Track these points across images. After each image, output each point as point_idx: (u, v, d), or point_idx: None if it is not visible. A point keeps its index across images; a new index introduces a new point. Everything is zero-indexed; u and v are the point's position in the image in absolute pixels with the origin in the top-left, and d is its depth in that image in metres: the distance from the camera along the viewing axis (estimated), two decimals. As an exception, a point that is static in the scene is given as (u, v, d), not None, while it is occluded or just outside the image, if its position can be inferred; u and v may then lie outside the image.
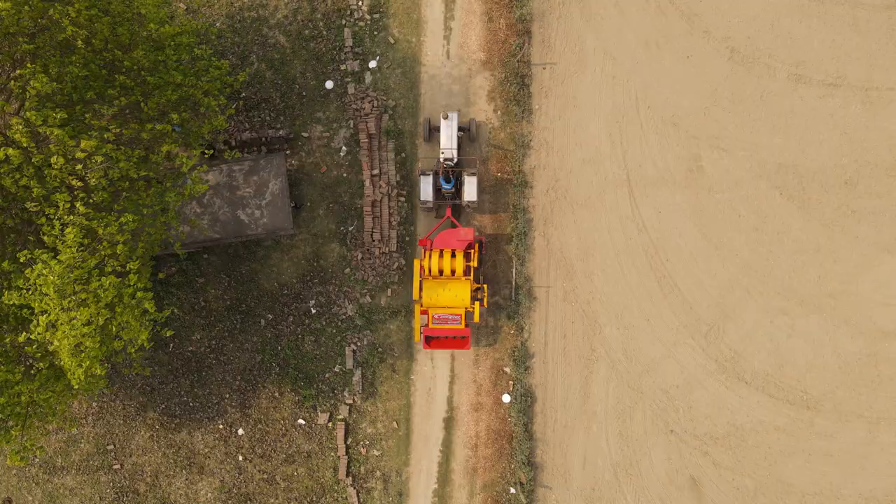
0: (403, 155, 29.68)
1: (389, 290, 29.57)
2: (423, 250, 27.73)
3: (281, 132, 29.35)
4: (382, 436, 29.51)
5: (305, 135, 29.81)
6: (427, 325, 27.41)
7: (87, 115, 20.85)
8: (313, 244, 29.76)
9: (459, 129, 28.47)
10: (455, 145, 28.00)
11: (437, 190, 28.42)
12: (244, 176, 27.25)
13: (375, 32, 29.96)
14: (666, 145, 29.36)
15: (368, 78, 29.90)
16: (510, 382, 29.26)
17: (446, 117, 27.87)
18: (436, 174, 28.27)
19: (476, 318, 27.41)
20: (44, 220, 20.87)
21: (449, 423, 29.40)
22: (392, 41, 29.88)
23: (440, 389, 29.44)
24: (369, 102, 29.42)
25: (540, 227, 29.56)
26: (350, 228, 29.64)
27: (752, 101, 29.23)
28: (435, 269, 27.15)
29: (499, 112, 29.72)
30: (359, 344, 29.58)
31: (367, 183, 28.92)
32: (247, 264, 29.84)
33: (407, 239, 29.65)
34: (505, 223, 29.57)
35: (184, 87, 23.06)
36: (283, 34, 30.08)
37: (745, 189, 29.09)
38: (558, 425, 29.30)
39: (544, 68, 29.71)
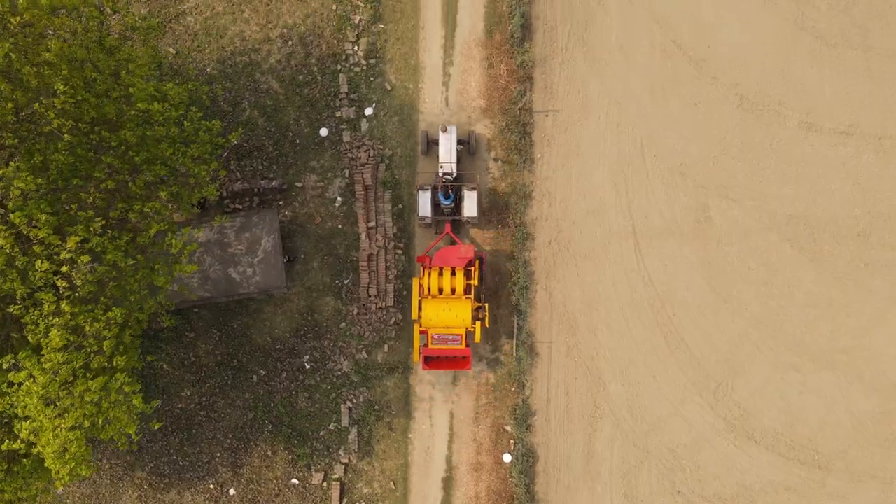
0: (401, 206, 28.79)
1: (386, 346, 28.67)
2: (421, 268, 27.10)
3: (274, 183, 28.44)
4: (379, 496, 28.59)
5: (299, 184, 28.91)
6: (426, 345, 26.58)
7: (72, 206, 20.01)
8: (307, 298, 28.85)
9: (459, 142, 27.94)
10: (454, 159, 27.50)
11: (435, 205, 27.76)
12: (236, 233, 26.39)
13: (372, 78, 29.06)
14: (673, 195, 28.69)
15: (364, 125, 29.00)
16: (511, 441, 28.37)
17: (445, 130, 27.41)
18: (434, 189, 27.53)
19: (477, 338, 26.88)
20: (28, 318, 19.99)
21: (448, 483, 28.49)
22: (389, 87, 28.98)
23: (439, 448, 28.52)
24: (365, 151, 28.52)
25: (542, 281, 28.71)
26: (345, 282, 28.73)
27: (761, 149, 28.56)
28: (434, 288, 26.55)
29: (499, 161, 28.88)
30: (355, 401, 28.68)
31: (364, 236, 28.03)
32: (238, 318, 28.91)
33: (404, 293, 28.79)
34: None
35: (173, 159, 22.12)
36: (276, 80, 29.17)
37: (754, 240, 28.51)
38: (561, 486, 28.40)
39: (546, 115, 28.86)
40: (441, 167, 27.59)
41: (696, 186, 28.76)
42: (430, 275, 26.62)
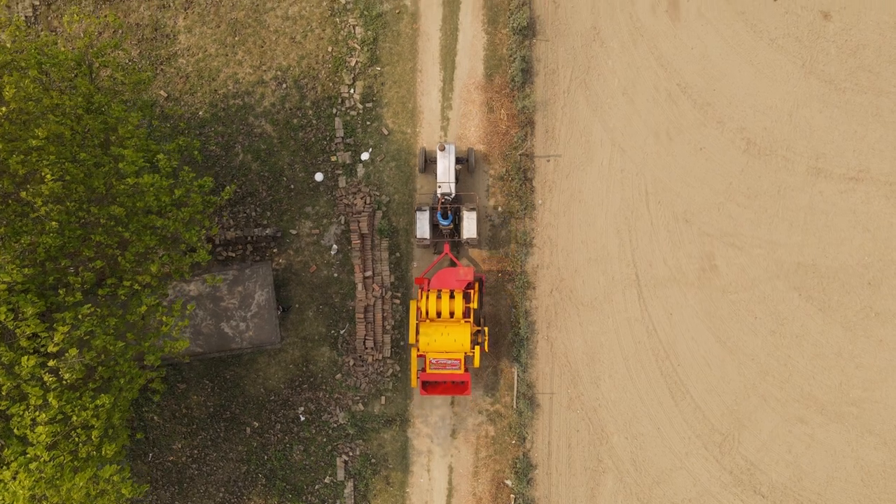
0: (398, 254, 28.12)
1: (383, 398, 28.01)
2: (419, 290, 26.53)
3: (268, 231, 27.82)
4: (376, 552, 27.98)
5: (294, 232, 28.25)
6: (424, 370, 26.18)
7: (61, 292, 19.39)
8: (302, 348, 28.18)
9: (457, 160, 27.48)
10: (453, 179, 27.10)
11: (433, 226, 27.29)
12: (228, 286, 25.79)
13: (368, 122, 28.39)
14: (677, 243, 28.11)
15: (361, 171, 28.34)
16: (511, 496, 27.74)
17: (443, 149, 26.98)
18: (433, 209, 27.11)
19: (476, 363, 26.40)
20: (14, 410, 19.35)
21: (447, 539, 27.88)
22: (386, 132, 28.33)
23: (437, 503, 27.80)
24: (361, 198, 27.87)
25: (543, 330, 28.03)
26: (341, 332, 28.08)
27: (768, 196, 28.05)
28: (433, 312, 26.05)
29: (499, 208, 28.19)
30: (351, 454, 28.01)
31: (360, 287, 27.38)
32: (231, 369, 28.24)
33: (401, 343, 28.08)
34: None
35: (164, 228, 21.50)
36: (269, 123, 28.50)
37: (761, 289, 28.01)
38: (563, 542, 27.80)
39: (548, 161, 28.21)
40: (439, 187, 27.12)
41: (701, 234, 28.20)
42: (428, 298, 26.10)
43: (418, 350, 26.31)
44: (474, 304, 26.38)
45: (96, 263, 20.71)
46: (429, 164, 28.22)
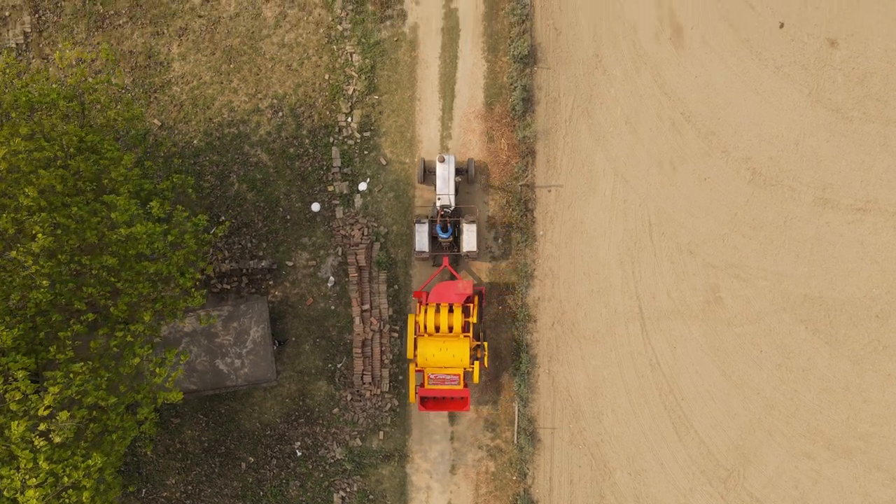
0: (396, 287, 27.71)
1: (381, 433, 27.62)
2: (417, 304, 26.26)
3: (263, 263, 27.43)
4: (374, 591, 27.54)
5: (290, 263, 27.86)
6: (422, 385, 25.94)
7: (51, 349, 18.97)
8: (298, 382, 27.78)
9: (457, 171, 27.13)
10: (452, 191, 26.82)
11: (432, 238, 26.93)
12: (223, 322, 25.47)
13: (366, 152, 27.98)
14: (681, 275, 27.82)
15: (358, 201, 27.95)
16: (513, 533, 27.32)
17: (443, 160, 26.67)
18: (432, 222, 26.82)
19: (476, 378, 26.10)
20: (4, 472, 18.92)
21: (446, 577, 27.44)
22: (384, 162, 27.93)
23: (436, 540, 27.50)
24: (359, 230, 27.47)
25: (544, 364, 27.67)
26: (339, 366, 27.69)
27: (774, 227, 27.77)
28: (431, 326, 25.72)
29: (500, 240, 27.84)
30: (348, 490, 27.60)
31: (357, 320, 26.98)
32: (226, 403, 27.85)
33: (400, 377, 27.66)
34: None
35: (157, 274, 21.10)
36: (265, 152, 28.12)
37: (767, 322, 27.71)
38: (565, 581, 27.37)
39: (549, 191, 27.83)
40: (438, 199, 26.76)
41: (705, 266, 27.87)
42: (426, 312, 25.78)
43: (416, 365, 25.97)
44: (474, 319, 26.10)
45: (88, 317, 20.33)
46: (428, 174, 27.84)
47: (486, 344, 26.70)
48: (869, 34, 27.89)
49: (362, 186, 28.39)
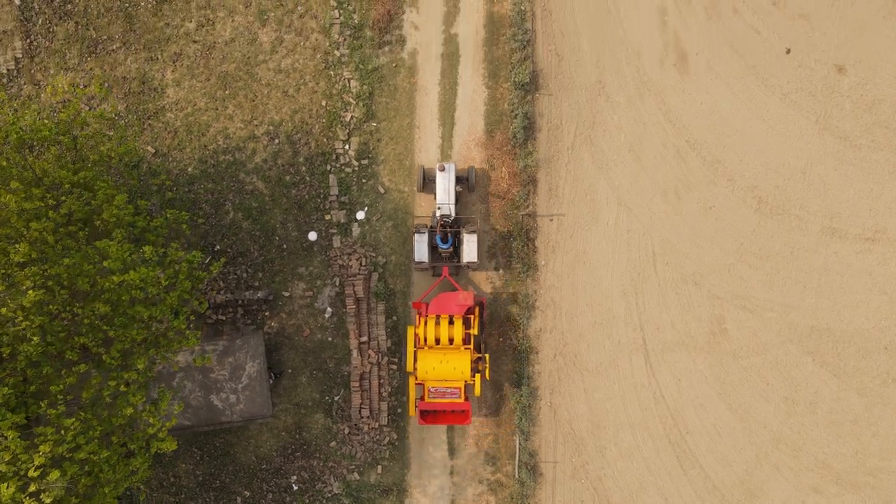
0: (395, 318, 27.33)
1: (380, 467, 27.24)
2: (417, 316, 25.90)
3: (259, 294, 27.01)
4: None
5: (286, 294, 27.45)
6: (422, 399, 25.64)
7: (42, 403, 18.56)
8: (295, 415, 27.38)
9: (457, 180, 26.82)
10: (453, 200, 26.51)
11: (432, 248, 26.60)
12: (218, 357, 25.07)
13: (364, 180, 27.60)
14: (686, 306, 27.52)
15: (356, 230, 27.56)
16: (514, 570, 26.90)
17: (443, 169, 26.38)
18: (432, 231, 26.42)
19: (477, 391, 25.87)
20: None
21: None
22: (382, 190, 27.54)
23: (436, 577, 27.08)
24: (357, 260, 27.07)
25: (546, 397, 27.29)
26: (336, 398, 27.30)
27: (781, 257, 27.45)
28: (431, 338, 25.42)
29: (501, 270, 27.44)
30: (346, 525, 27.19)
31: (355, 353, 26.60)
32: (221, 436, 27.46)
33: (399, 410, 27.22)
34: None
35: (150, 319, 20.71)
36: (261, 180, 27.72)
37: (773, 354, 27.41)
38: None
39: (551, 220, 27.45)
40: (438, 208, 26.46)
41: (710, 297, 27.54)
42: (426, 323, 25.47)
43: (416, 378, 25.69)
44: (474, 331, 25.78)
45: (80, 367, 19.93)
46: (427, 182, 27.51)
47: (487, 356, 26.37)
48: (877, 60, 27.52)
49: (360, 215, 27.99)
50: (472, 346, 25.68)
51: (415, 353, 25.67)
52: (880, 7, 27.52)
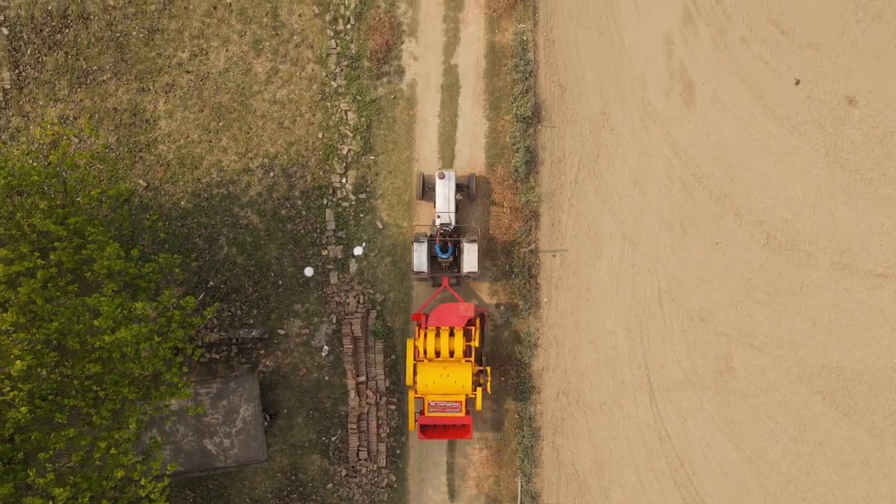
0: (393, 357, 26.99)
1: (378, 509, 26.70)
2: (416, 328, 25.66)
3: (254, 332, 26.59)
4: None
5: (282, 332, 26.99)
6: (422, 413, 25.34)
7: (30, 472, 18.09)
8: (291, 456, 27.00)
9: (458, 187, 26.48)
10: (453, 208, 26.16)
11: (432, 258, 26.21)
12: (212, 400, 24.75)
13: (361, 215, 27.16)
14: (692, 343, 27.28)
15: (353, 266, 27.14)
16: None
17: (443, 177, 26.05)
18: (431, 240, 25.99)
19: (478, 405, 25.59)
20: None
21: None
22: (380, 226, 27.11)
23: None
24: (354, 297, 26.65)
25: (548, 437, 26.93)
26: (333, 439, 26.93)
27: (790, 293, 27.17)
28: (431, 351, 25.07)
29: (502, 307, 27.09)
30: (343, 569, 26.73)
31: (353, 394, 26.21)
32: (215, 478, 27.11)
33: (398, 452, 26.75)
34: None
35: (142, 377, 20.31)
36: (256, 214, 27.28)
37: (782, 393, 27.09)
38: None
39: (554, 256, 27.09)
40: (438, 217, 26.07)
41: (717, 334, 27.23)
42: (426, 336, 25.12)
43: (416, 392, 25.38)
44: (475, 343, 25.43)
45: (69, 432, 19.44)
46: (427, 190, 27.15)
47: (489, 369, 26.02)
48: (889, 91, 27.13)
49: (358, 251, 27.56)
50: (473, 359, 25.35)
51: (414, 366, 25.34)
52: (892, 37, 27.08)
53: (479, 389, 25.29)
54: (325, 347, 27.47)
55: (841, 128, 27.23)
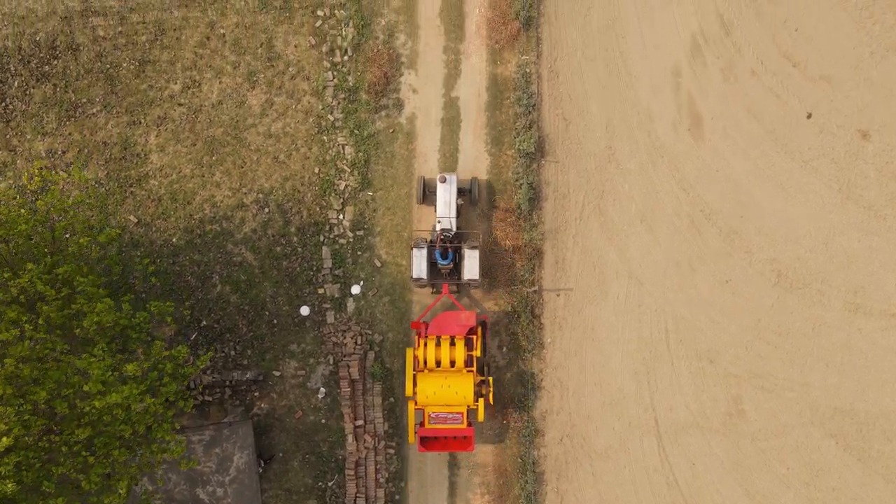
0: (392, 399, 26.63)
1: (376, 557, 26.12)
2: (416, 337, 25.33)
3: (248, 374, 26.11)
4: None
5: (277, 373, 26.44)
6: (423, 425, 24.99)
7: None
8: (286, 502, 26.88)
9: (459, 192, 26.10)
10: (454, 213, 25.75)
11: (432, 264, 25.78)
12: (204, 448, 24.35)
13: (359, 252, 26.69)
14: (701, 385, 26.90)
15: (351, 305, 26.66)
16: None
17: (443, 180, 25.67)
18: (431, 246, 25.58)
19: (480, 416, 25.23)
20: None
21: None
22: (379, 264, 26.65)
23: None
24: (352, 337, 26.25)
25: (552, 482, 26.54)
26: (330, 484, 26.53)
27: (801, 333, 26.79)
28: (431, 361, 24.73)
29: (504, 348, 26.66)
30: None
31: (350, 438, 25.78)
32: (208, 524, 26.32)
33: (397, 497, 26.28)
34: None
35: (133, 437, 19.82)
36: (250, 251, 26.80)
37: (794, 437, 26.63)
38: None
39: (558, 294, 26.64)
40: (439, 222, 25.68)
41: (727, 375, 26.77)
42: (426, 345, 24.76)
43: (416, 403, 25.02)
44: (477, 352, 25.04)
45: (58, 502, 18.91)
46: (428, 194, 26.77)
47: (490, 379, 25.63)
48: (904, 125, 26.60)
49: (355, 290, 27.05)
50: (474, 369, 24.96)
51: (414, 376, 24.96)
52: (907, 69, 26.59)
53: (481, 400, 24.96)
54: (322, 389, 26.93)
55: (854, 162, 26.75)
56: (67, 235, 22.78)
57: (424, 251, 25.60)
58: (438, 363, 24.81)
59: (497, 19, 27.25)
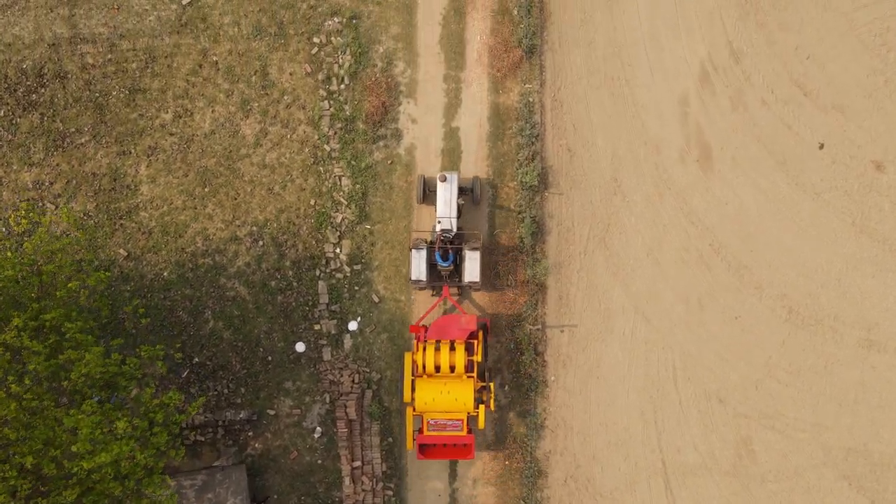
0: (391, 439, 26.22)
1: None
2: (415, 341, 25.07)
3: (242, 413, 25.67)
4: None
5: (271, 412, 25.98)
6: (421, 431, 24.61)
7: None
8: (281, 545, 25.80)
9: (460, 191, 25.67)
10: (454, 214, 25.27)
11: (431, 265, 25.38)
12: (196, 493, 24.22)
13: (356, 287, 26.24)
14: (710, 425, 26.50)
15: (348, 342, 26.23)
16: None
17: (444, 179, 25.27)
18: (430, 247, 25.23)
19: (481, 423, 24.82)
20: None
21: None
22: (377, 299, 26.18)
23: None
24: (349, 376, 25.82)
25: (557, 525, 25.82)
26: (326, 527, 25.72)
27: (813, 372, 26.39)
28: (430, 366, 24.33)
29: (506, 387, 26.29)
30: None
31: (347, 480, 25.45)
32: (200, 568, 25.75)
33: (395, 541, 25.72)
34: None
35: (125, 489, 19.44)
36: (244, 285, 26.37)
37: (805, 479, 26.21)
38: None
39: (562, 331, 26.38)
40: (438, 222, 25.24)
41: (736, 415, 26.38)
42: (425, 350, 24.39)
43: (414, 409, 24.66)
44: (478, 357, 24.62)
45: None
46: (428, 193, 26.36)
47: (492, 385, 25.27)
48: (920, 157, 26.12)
49: (352, 326, 26.61)
50: (475, 375, 24.57)
51: (412, 381, 24.58)
52: (922, 98, 26.10)
53: (481, 407, 24.57)
54: (318, 429, 26.45)
55: (868, 195, 26.33)
56: (56, 276, 22.28)
57: (424, 252, 25.25)
58: (438, 368, 24.44)
59: (499, 47, 26.75)
